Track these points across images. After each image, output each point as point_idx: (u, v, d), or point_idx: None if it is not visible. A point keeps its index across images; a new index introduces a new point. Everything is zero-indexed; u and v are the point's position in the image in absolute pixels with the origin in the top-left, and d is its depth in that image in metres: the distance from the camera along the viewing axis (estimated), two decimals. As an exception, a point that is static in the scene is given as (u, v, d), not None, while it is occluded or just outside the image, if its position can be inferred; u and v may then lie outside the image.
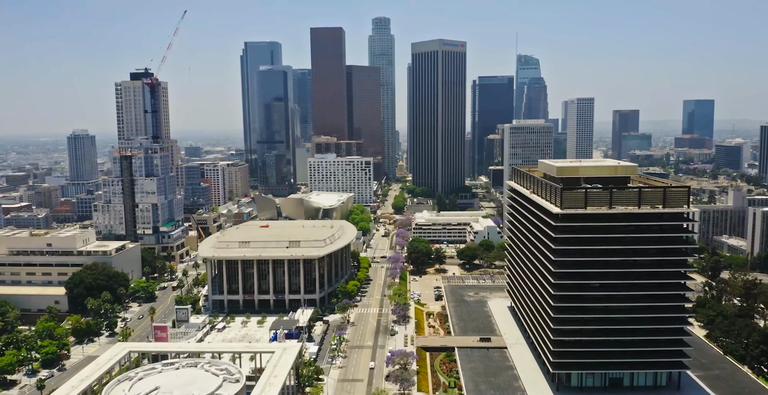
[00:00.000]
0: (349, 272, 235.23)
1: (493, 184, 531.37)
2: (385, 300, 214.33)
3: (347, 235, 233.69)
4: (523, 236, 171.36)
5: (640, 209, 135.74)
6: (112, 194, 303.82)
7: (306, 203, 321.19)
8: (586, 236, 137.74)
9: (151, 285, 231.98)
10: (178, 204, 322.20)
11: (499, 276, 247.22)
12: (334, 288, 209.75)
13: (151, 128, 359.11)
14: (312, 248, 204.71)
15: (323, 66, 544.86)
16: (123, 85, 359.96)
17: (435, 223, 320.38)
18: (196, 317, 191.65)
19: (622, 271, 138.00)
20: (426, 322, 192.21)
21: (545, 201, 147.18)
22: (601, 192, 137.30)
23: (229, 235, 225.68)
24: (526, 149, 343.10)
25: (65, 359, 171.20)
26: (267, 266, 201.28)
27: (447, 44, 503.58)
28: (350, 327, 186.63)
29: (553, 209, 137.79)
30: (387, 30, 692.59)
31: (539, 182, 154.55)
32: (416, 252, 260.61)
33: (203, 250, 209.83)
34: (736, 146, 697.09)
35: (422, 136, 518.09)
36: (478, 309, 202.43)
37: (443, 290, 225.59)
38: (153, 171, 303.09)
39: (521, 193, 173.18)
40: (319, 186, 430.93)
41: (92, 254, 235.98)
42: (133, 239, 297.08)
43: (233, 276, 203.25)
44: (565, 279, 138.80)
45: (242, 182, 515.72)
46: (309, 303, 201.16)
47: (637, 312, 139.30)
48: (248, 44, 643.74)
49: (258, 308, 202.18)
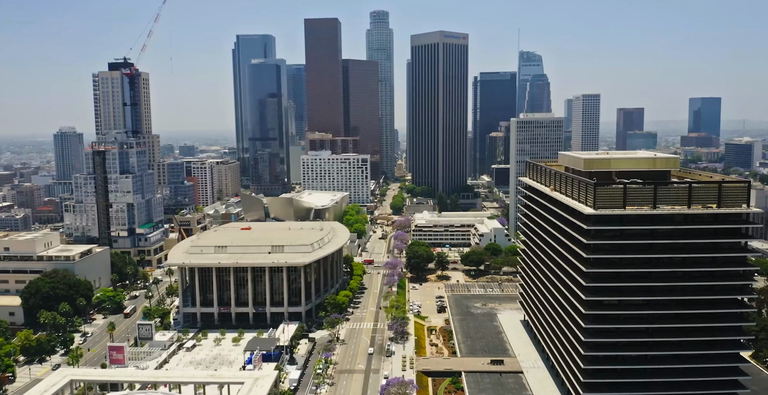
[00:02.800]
0: (340, 280, 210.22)
1: (496, 183, 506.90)
2: (380, 312, 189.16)
3: (339, 238, 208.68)
4: (541, 241, 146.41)
5: (690, 210, 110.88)
6: (84, 194, 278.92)
7: (296, 203, 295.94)
8: (624, 243, 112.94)
9: (118, 295, 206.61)
10: (158, 204, 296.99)
11: (509, 284, 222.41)
12: (322, 300, 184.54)
13: (131, 122, 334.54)
14: (297, 253, 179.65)
15: (318, 59, 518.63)
16: (100, 76, 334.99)
17: (436, 224, 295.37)
18: (163, 333, 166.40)
19: (667, 285, 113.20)
20: (427, 339, 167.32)
21: (572, 200, 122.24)
22: (643, 189, 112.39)
23: (205, 239, 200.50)
24: (535, 145, 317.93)
25: (7, 383, 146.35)
26: (245, 275, 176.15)
27: (448, 36, 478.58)
28: (340, 345, 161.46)
29: (584, 210, 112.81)
30: (385, 24, 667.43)
31: (564, 177, 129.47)
32: (416, 257, 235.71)
33: (173, 256, 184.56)
34: (746, 145, 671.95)
35: (422, 133, 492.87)
36: (486, 324, 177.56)
37: (446, 301, 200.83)
38: (129, 168, 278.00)
39: (539, 191, 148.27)
40: (313, 185, 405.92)
41: (53, 259, 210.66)
42: (106, 242, 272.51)
43: (207, 286, 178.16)
44: (599, 295, 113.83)
45: (233, 181, 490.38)
46: (293, 316, 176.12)
47: (685, 335, 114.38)
48: (240, 38, 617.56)
49: (235, 322, 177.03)
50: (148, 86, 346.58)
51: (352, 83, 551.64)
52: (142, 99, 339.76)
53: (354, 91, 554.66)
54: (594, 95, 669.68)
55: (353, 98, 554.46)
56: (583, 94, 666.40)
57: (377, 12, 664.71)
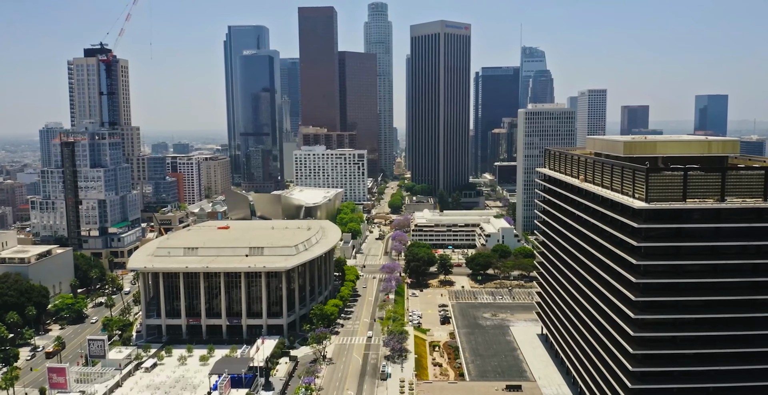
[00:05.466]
0: (330, 287, 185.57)
1: (499, 181, 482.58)
2: (375, 325, 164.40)
3: (329, 238, 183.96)
4: (566, 243, 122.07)
5: (767, 203, 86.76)
6: (52, 189, 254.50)
7: (285, 200, 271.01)
8: (686, 245, 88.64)
9: (79, 302, 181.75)
10: (134, 201, 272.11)
11: (520, 291, 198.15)
12: (308, 310, 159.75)
13: (107, 112, 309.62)
14: (278, 256, 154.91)
15: (313, 50, 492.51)
16: (75, 64, 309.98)
17: (438, 224, 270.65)
18: (119, 350, 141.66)
19: (739, 299, 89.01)
20: (430, 357, 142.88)
21: (612, 192, 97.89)
22: (707, 177, 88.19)
23: (175, 239, 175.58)
24: (544, 138, 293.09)
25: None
26: (218, 281, 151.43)
27: (450, 26, 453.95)
28: (326, 365, 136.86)
29: (632, 204, 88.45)
30: (384, 16, 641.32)
31: (601, 165, 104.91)
32: (416, 260, 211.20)
33: (135, 259, 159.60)
34: (757, 142, 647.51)
35: (422, 128, 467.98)
36: (498, 339, 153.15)
37: (450, 310, 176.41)
38: (101, 161, 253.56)
39: (564, 183, 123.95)
40: (306, 182, 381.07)
41: (6, 261, 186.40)
42: (75, 242, 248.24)
43: (174, 294, 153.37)
44: (652, 312, 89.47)
45: (222, 178, 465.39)
46: (273, 330, 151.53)
47: (763, 362, 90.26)
48: (232, 28, 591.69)
49: (207, 336, 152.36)
50: (127, 74, 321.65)
51: (348, 77, 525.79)
52: (121, 88, 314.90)
53: (351, 85, 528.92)
54: (600, 91, 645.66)
55: (350, 92, 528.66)
56: (589, 90, 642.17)
57: (375, 3, 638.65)
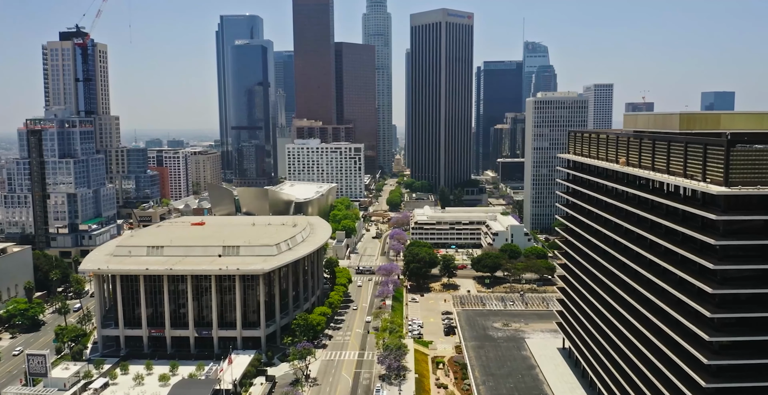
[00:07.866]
0: (319, 292, 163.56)
1: (502, 178, 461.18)
2: (369, 337, 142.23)
3: (317, 236, 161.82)
4: (602, 241, 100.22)
5: None
6: (18, 183, 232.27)
7: (273, 195, 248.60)
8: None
9: (33, 308, 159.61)
10: (109, 196, 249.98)
11: (533, 296, 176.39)
12: (291, 319, 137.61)
13: (84, 100, 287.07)
14: (256, 257, 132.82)
15: (308, 41, 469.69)
16: (50, 48, 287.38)
17: (440, 221, 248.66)
18: (65, 366, 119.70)
19: None
20: (433, 377, 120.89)
21: (669, 176, 75.96)
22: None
23: (140, 237, 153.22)
24: (555, 129, 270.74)
25: None
26: (185, 286, 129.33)
27: (452, 15, 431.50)
28: (309, 387, 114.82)
29: (707, 189, 66.47)
30: (383, 7, 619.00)
31: (652, 142, 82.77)
32: (416, 261, 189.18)
33: (90, 260, 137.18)
34: None
35: (423, 122, 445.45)
36: (512, 353, 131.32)
37: (456, 319, 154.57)
38: (71, 151, 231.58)
39: (599, 168, 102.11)
40: (300, 177, 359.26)
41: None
42: (43, 240, 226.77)
43: (134, 301, 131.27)
44: (735, 332, 67.50)
45: (212, 174, 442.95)
46: (250, 342, 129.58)
47: None
48: (224, 18, 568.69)
49: (171, 349, 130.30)
50: (106, 60, 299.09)
51: (345, 68, 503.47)
52: (99, 74, 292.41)
53: (348, 77, 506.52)
54: (607, 85, 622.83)
55: (347, 85, 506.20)
56: (595, 84, 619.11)
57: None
